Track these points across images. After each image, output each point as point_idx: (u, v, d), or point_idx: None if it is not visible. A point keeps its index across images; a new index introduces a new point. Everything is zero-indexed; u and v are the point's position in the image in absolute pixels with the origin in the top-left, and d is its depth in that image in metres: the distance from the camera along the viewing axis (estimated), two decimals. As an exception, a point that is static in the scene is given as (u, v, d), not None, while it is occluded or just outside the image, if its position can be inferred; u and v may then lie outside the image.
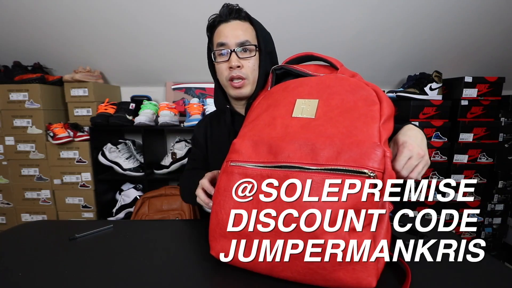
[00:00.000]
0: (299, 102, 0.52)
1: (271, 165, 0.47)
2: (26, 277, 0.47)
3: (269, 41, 0.76)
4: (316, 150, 0.44)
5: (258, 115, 0.56)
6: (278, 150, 0.47)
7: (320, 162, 0.43)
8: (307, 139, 0.46)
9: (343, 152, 0.43)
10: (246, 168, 0.49)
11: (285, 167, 0.45)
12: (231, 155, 0.53)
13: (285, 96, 0.56)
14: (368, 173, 0.42)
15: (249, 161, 0.50)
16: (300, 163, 0.44)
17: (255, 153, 0.50)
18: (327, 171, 0.42)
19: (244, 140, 0.53)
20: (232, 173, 0.51)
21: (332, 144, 0.44)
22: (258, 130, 0.53)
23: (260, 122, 0.54)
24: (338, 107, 0.49)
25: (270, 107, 0.56)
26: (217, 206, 0.50)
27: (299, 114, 0.51)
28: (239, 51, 0.69)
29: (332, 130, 0.46)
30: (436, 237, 0.50)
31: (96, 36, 1.67)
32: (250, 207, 0.45)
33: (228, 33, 0.70)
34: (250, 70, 0.71)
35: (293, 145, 0.46)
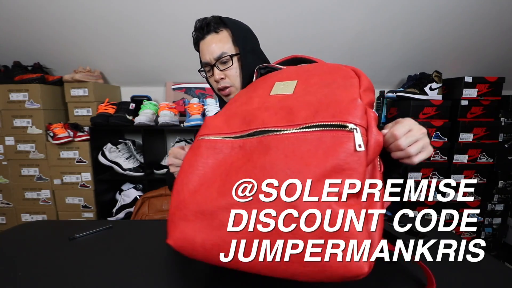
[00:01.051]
0: (278, 84, 0.51)
1: (243, 134, 0.44)
2: (26, 277, 0.47)
3: (249, 39, 0.76)
4: (292, 113, 0.42)
5: (235, 100, 0.55)
6: (252, 118, 0.45)
7: (296, 123, 0.40)
8: (283, 106, 0.44)
9: (320, 111, 0.40)
10: (215, 140, 0.46)
11: (258, 133, 0.42)
12: (201, 131, 0.50)
13: (264, 81, 0.55)
14: (349, 127, 0.37)
15: (220, 133, 0.47)
16: (275, 127, 0.41)
17: (226, 125, 0.47)
18: (304, 129, 0.39)
19: (217, 116, 0.51)
20: (198, 147, 0.47)
21: (310, 105, 0.41)
22: (233, 108, 0.51)
23: (235, 103, 0.53)
24: (316, 83, 0.47)
25: (248, 92, 0.55)
26: (178, 185, 0.45)
27: (277, 92, 0.49)
28: (219, 65, 0.73)
29: (310, 98, 0.43)
30: (436, 237, 0.50)
31: (96, 36, 1.67)
32: (216, 186, 0.42)
33: (205, 51, 0.73)
34: (233, 78, 0.74)
35: (268, 112, 0.44)
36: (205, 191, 0.43)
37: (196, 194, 0.43)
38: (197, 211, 0.42)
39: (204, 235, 0.40)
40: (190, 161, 0.46)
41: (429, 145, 0.47)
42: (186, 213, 0.42)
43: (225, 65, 0.73)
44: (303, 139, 0.38)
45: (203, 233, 0.41)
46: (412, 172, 1.67)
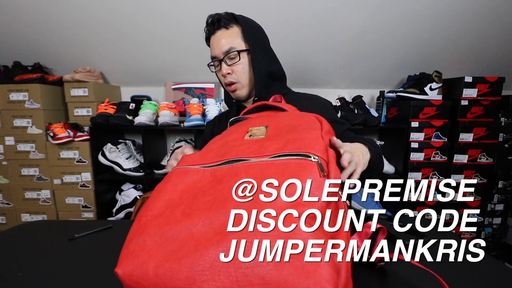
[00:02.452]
0: (251, 129, 0.54)
1: (216, 163, 0.46)
2: (26, 277, 0.47)
3: (259, 37, 0.77)
4: (263, 147, 0.46)
5: (212, 142, 0.57)
6: (226, 152, 0.48)
7: (266, 154, 0.44)
8: (255, 143, 0.48)
9: (288, 144, 0.44)
10: (188, 169, 0.47)
11: (230, 162, 0.45)
12: (176, 165, 0.52)
13: (238, 127, 0.58)
14: (312, 157, 0.41)
15: (194, 164, 0.48)
16: (246, 157, 0.44)
17: (201, 158, 0.49)
18: (272, 158, 0.43)
19: (194, 154, 0.53)
20: (170, 175, 0.48)
21: (279, 142, 0.46)
22: (209, 147, 0.55)
23: (212, 145, 0.55)
24: (285, 127, 0.52)
25: (224, 136, 0.57)
26: (143, 211, 0.44)
27: (250, 136, 0.52)
28: (227, 60, 0.74)
29: (279, 138, 0.48)
30: (436, 237, 0.50)
31: (96, 36, 1.67)
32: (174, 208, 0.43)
33: (214, 45, 0.75)
34: (240, 73, 0.75)
35: (242, 147, 0.48)
36: (169, 213, 0.42)
37: (159, 217, 0.42)
38: (156, 234, 0.40)
39: (159, 260, 0.37)
40: (159, 187, 0.46)
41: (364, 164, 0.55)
42: (144, 238, 0.40)
43: (232, 60, 0.74)
44: (271, 164, 0.42)
45: (158, 257, 0.37)
46: (412, 172, 1.67)
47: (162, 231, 0.40)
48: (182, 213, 0.41)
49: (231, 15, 0.75)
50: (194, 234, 0.37)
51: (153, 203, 0.44)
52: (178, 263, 0.35)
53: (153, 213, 0.43)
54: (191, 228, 0.38)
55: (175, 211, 0.42)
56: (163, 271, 0.35)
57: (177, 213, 0.41)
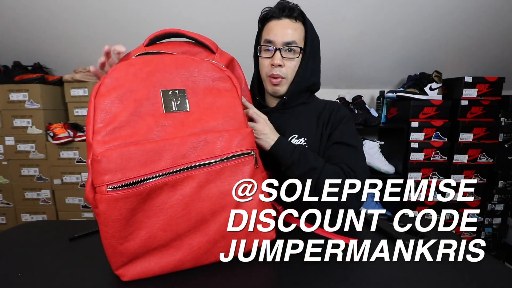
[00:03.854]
0: (165, 94, 0.46)
1: (170, 171, 0.42)
2: (26, 277, 0.47)
3: (315, 45, 0.75)
4: (209, 144, 0.46)
5: (116, 115, 0.42)
6: (177, 155, 0.44)
7: (217, 154, 0.46)
8: (197, 136, 0.46)
9: (232, 142, 0.48)
10: (138, 186, 0.40)
11: (186, 169, 0.43)
12: (100, 178, 0.39)
13: (142, 85, 0.45)
14: (252, 153, 0.50)
15: (140, 175, 0.40)
16: (200, 161, 0.45)
17: (148, 162, 0.41)
18: (225, 160, 0.47)
19: (116, 151, 0.40)
20: (116, 200, 0.39)
21: (221, 137, 0.47)
22: (129, 135, 0.42)
23: (125, 125, 0.42)
24: (206, 95, 0.50)
25: (128, 101, 0.44)
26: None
27: (171, 108, 0.46)
28: (284, 50, 0.70)
29: (213, 123, 0.49)
30: (436, 237, 0.50)
31: (97, 36, 1.67)
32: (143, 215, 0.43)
33: (277, 31, 0.70)
34: (290, 70, 0.72)
35: (186, 146, 0.44)
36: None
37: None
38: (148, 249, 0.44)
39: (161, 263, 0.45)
40: (112, 216, 0.42)
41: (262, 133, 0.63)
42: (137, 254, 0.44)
43: (290, 53, 0.71)
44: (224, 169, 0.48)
45: (161, 261, 0.45)
46: (412, 172, 1.67)
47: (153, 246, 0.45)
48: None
49: (302, 12, 0.74)
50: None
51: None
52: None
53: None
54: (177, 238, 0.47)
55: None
56: (168, 270, 0.46)
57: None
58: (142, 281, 0.46)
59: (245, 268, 0.48)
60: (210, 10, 1.47)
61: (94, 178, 0.39)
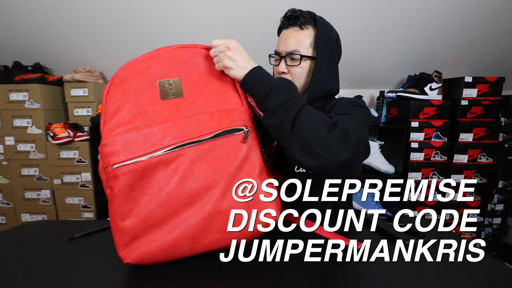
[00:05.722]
0: (161, 83, 0.52)
1: (163, 150, 0.47)
2: (26, 277, 0.47)
3: (331, 48, 0.73)
4: (200, 124, 0.49)
5: (120, 107, 0.50)
6: (170, 135, 0.49)
7: (206, 132, 0.49)
8: (188, 118, 0.50)
9: (222, 120, 0.50)
10: (134, 163, 0.46)
11: (177, 147, 0.48)
12: (106, 160, 0.46)
13: (142, 79, 0.53)
14: (244, 129, 0.51)
15: (141, 154, 0.46)
16: (190, 139, 0.48)
17: (144, 144, 0.47)
18: (216, 137, 0.49)
19: (118, 136, 0.47)
20: (117, 177, 0.46)
21: (211, 117, 0.50)
22: (130, 122, 0.49)
23: (127, 114, 0.50)
24: (200, 80, 0.54)
25: (130, 94, 0.51)
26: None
27: (167, 96, 0.52)
28: (287, 59, 0.72)
29: (206, 106, 0.52)
30: (436, 237, 0.50)
31: (96, 36, 1.67)
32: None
33: (282, 40, 0.74)
34: (296, 77, 0.73)
35: (177, 128, 0.48)
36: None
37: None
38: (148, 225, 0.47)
39: (160, 241, 0.47)
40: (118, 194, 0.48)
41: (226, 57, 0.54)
42: (136, 233, 0.47)
43: (293, 61, 0.72)
44: (216, 145, 0.50)
45: (159, 240, 0.47)
46: (412, 172, 1.67)
47: (152, 222, 0.49)
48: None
49: (312, 15, 0.73)
50: None
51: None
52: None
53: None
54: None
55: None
56: (167, 247, 0.48)
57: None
58: (143, 280, 0.46)
59: (245, 268, 0.48)
60: (212, 10, 1.48)
61: (103, 161, 0.46)
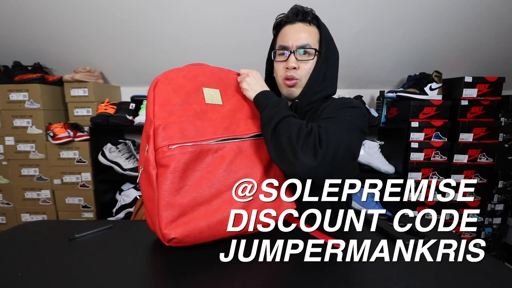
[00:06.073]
0: (206, 90, 0.63)
1: (214, 141, 0.57)
2: (26, 277, 0.47)
3: (331, 48, 0.74)
4: (240, 126, 0.63)
5: (169, 98, 0.59)
6: (218, 130, 0.60)
7: (245, 133, 0.63)
8: (231, 119, 0.63)
9: (255, 126, 0.66)
10: (191, 146, 0.54)
11: (224, 140, 0.59)
12: (162, 140, 0.52)
13: (190, 83, 0.63)
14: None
15: (193, 141, 0.55)
16: (253, 132, 0.64)
17: (197, 133, 0.56)
18: (253, 137, 0.64)
19: (174, 123, 0.56)
20: (174, 155, 0.52)
21: (247, 122, 0.65)
22: (183, 115, 0.58)
23: (179, 107, 0.59)
24: (233, 95, 0.68)
25: (180, 92, 0.60)
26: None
27: (211, 101, 0.63)
28: (298, 53, 0.71)
29: (239, 114, 0.66)
30: (436, 237, 0.50)
31: (96, 36, 1.67)
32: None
33: (290, 34, 0.72)
34: (305, 72, 0.72)
35: (223, 125, 0.60)
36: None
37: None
38: (194, 204, 0.53)
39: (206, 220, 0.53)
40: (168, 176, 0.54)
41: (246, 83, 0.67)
42: (182, 210, 0.52)
43: (304, 56, 0.71)
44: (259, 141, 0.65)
45: (206, 218, 0.53)
46: (412, 172, 1.67)
47: (198, 202, 0.56)
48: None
49: (316, 16, 0.74)
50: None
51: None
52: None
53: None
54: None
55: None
56: (213, 224, 0.54)
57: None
58: (143, 280, 0.46)
59: (245, 268, 0.48)
60: (212, 10, 1.48)
61: (158, 142, 0.52)
